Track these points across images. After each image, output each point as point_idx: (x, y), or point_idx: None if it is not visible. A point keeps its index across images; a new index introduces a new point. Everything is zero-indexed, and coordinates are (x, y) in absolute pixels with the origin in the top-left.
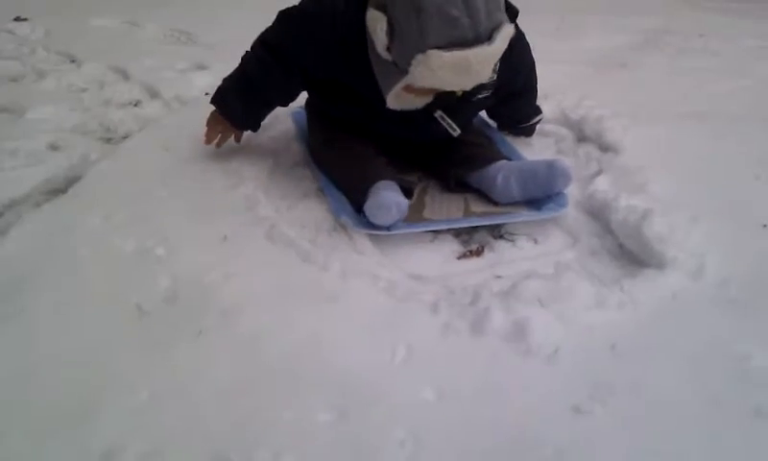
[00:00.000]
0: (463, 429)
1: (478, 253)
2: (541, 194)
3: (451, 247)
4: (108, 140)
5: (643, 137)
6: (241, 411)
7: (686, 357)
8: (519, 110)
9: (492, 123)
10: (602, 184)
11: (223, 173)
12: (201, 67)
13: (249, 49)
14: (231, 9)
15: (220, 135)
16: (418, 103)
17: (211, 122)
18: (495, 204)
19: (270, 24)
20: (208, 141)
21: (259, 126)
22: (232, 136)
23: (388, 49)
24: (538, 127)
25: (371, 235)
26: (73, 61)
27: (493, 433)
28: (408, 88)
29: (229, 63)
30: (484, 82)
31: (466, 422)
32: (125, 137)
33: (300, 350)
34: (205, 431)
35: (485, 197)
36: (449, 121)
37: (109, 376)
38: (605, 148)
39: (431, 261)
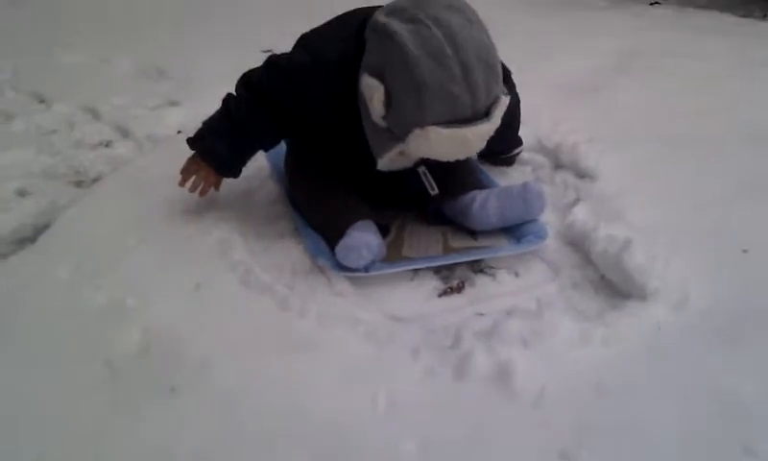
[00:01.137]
0: None
1: (459, 289)
2: (518, 219)
3: (432, 284)
4: (79, 184)
5: (619, 162)
6: None
7: (673, 394)
8: (501, 143)
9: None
10: (580, 213)
11: (196, 215)
12: (173, 104)
13: (232, 92)
14: (205, 43)
15: (202, 183)
16: (408, 163)
17: (189, 167)
18: (474, 237)
19: (255, 67)
20: (183, 182)
21: (240, 172)
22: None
23: (383, 117)
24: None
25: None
26: (42, 102)
27: None
28: (401, 153)
29: (202, 99)
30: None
31: None
32: (96, 180)
33: (278, 403)
34: None
35: (463, 230)
36: (431, 179)
37: (76, 439)
38: (582, 175)
39: (412, 300)
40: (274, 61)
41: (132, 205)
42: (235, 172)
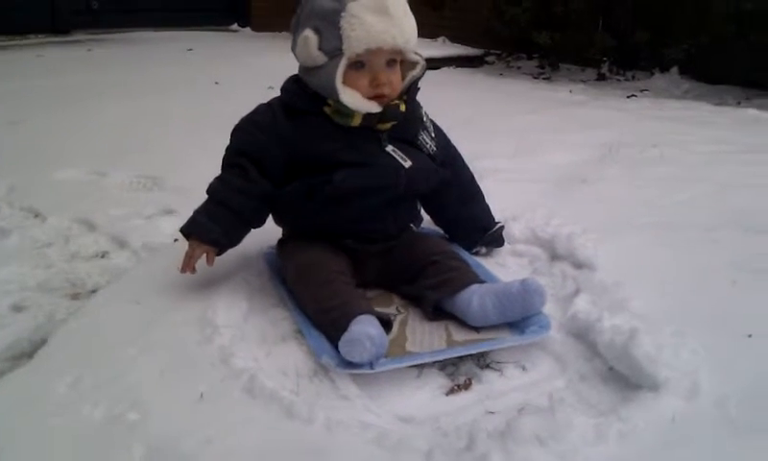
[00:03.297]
0: None
1: (466, 386)
2: (519, 315)
3: (438, 381)
4: (76, 296)
5: (615, 251)
6: None
7: None
8: (479, 215)
9: (468, 254)
10: (582, 304)
11: (196, 323)
12: (168, 212)
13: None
14: (199, 152)
15: (188, 259)
16: (367, 105)
17: (186, 253)
18: (477, 330)
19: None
20: (183, 268)
21: (230, 243)
22: (204, 258)
23: (320, 48)
24: (510, 248)
25: (355, 375)
26: (37, 216)
27: None
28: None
29: (196, 205)
30: (410, 45)
31: None
32: (93, 291)
33: None
34: None
35: (466, 323)
36: (401, 154)
37: None
38: (579, 265)
39: (419, 399)
40: (234, 127)
41: (130, 315)
42: (224, 240)
